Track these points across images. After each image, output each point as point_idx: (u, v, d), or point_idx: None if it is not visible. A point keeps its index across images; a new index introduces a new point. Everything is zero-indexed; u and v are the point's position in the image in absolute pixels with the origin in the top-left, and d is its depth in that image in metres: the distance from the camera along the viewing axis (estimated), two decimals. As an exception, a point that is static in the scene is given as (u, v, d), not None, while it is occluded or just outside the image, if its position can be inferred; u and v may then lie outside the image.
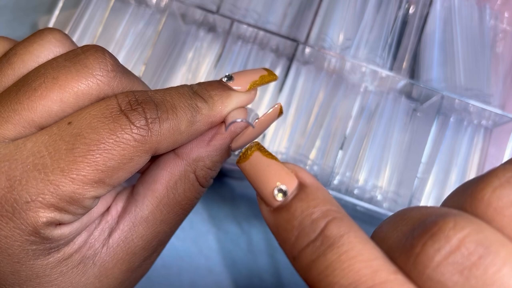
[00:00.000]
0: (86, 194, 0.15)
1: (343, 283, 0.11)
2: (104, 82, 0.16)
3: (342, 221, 0.12)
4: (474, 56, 0.35)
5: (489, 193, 0.11)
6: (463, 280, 0.10)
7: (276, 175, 0.14)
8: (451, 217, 0.11)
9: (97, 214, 0.18)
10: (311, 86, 0.36)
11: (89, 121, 0.15)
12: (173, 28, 0.37)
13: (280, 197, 0.14)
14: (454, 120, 0.36)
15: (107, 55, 0.17)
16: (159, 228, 0.19)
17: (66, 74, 0.16)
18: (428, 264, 0.10)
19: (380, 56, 0.35)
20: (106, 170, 0.15)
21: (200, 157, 0.18)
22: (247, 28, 0.35)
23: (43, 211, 0.15)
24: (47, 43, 0.17)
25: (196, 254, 0.36)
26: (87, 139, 0.15)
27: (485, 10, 0.36)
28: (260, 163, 0.15)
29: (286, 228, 0.13)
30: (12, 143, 0.15)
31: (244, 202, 0.37)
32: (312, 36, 0.35)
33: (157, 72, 0.36)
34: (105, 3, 0.37)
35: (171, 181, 0.18)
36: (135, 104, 0.16)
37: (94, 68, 0.16)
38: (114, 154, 0.15)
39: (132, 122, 0.15)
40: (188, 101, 0.17)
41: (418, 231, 0.11)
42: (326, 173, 0.34)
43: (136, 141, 0.15)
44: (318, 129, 0.35)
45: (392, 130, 0.35)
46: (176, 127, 0.17)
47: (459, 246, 0.10)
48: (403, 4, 0.37)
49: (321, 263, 0.12)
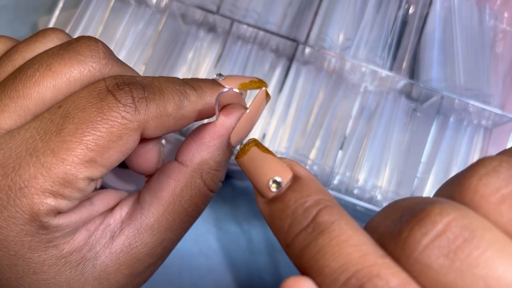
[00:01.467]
0: (79, 174, 0.15)
1: (334, 266, 0.11)
2: (96, 68, 0.17)
3: (333, 209, 0.13)
4: (474, 56, 0.35)
5: (475, 181, 0.11)
6: (448, 262, 0.10)
7: (272, 168, 0.15)
8: (438, 204, 0.11)
9: (98, 212, 0.18)
10: (311, 86, 0.36)
11: (77, 102, 0.16)
12: (173, 28, 0.37)
13: (275, 188, 0.14)
14: (454, 120, 0.36)
15: (99, 44, 0.17)
16: (165, 236, 0.19)
17: (59, 61, 0.16)
18: (415, 248, 0.11)
19: (380, 56, 0.35)
20: (96, 148, 0.15)
21: (203, 160, 0.18)
22: (247, 28, 0.35)
23: (38, 196, 0.15)
24: (49, 41, 0.18)
25: (196, 254, 0.36)
26: (75, 118, 0.15)
27: (484, 10, 0.36)
28: (257, 157, 0.16)
29: (280, 217, 0.14)
30: (8, 133, 0.16)
31: (244, 202, 0.37)
32: (312, 36, 0.35)
33: (157, 72, 0.36)
34: (105, 3, 0.37)
35: (177, 188, 0.18)
36: (123, 85, 0.16)
37: (86, 55, 0.17)
38: (102, 131, 0.15)
39: (119, 100, 0.16)
40: (176, 87, 0.18)
41: (406, 217, 0.11)
42: (326, 173, 0.34)
43: (124, 118, 0.16)
44: (318, 129, 0.35)
45: (392, 130, 0.35)
46: (163, 108, 0.17)
47: (445, 230, 0.10)
48: (403, 4, 0.37)
49: (312, 248, 0.12)
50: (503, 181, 0.11)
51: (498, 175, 0.11)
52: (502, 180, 0.11)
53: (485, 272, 0.10)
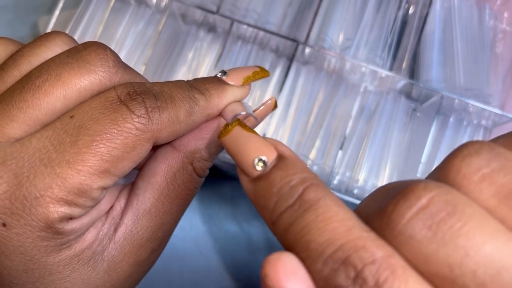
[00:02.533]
0: (94, 185, 0.16)
1: (319, 240, 0.12)
2: (106, 77, 0.17)
3: (319, 187, 0.13)
4: (474, 56, 0.35)
5: (458, 161, 0.12)
6: (431, 234, 0.11)
7: (256, 147, 0.15)
8: (422, 181, 0.12)
9: (104, 210, 0.19)
10: (311, 86, 0.36)
11: (90, 113, 0.16)
12: (173, 28, 0.37)
13: (260, 167, 0.14)
14: (453, 120, 0.36)
15: (108, 51, 0.17)
16: (163, 219, 0.19)
17: (69, 70, 0.16)
18: (399, 221, 0.11)
19: (380, 56, 0.35)
20: (111, 159, 0.16)
21: (197, 149, 0.19)
22: (247, 28, 0.35)
23: (53, 205, 0.15)
24: (54, 45, 0.18)
25: (196, 254, 0.36)
26: (90, 130, 0.15)
27: (484, 10, 0.36)
28: (241, 136, 0.16)
29: (265, 195, 0.14)
30: (18, 142, 0.16)
31: (244, 202, 0.37)
32: (312, 36, 0.35)
33: (157, 72, 0.36)
34: (105, 3, 0.37)
35: (170, 173, 0.19)
36: (134, 95, 0.16)
37: (96, 64, 0.17)
38: (117, 143, 0.15)
39: (133, 111, 0.16)
40: (185, 93, 0.18)
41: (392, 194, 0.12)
42: (326, 173, 0.34)
43: (138, 130, 0.16)
44: (318, 129, 0.35)
45: (392, 130, 0.35)
46: (175, 116, 0.17)
47: (428, 204, 0.11)
48: (403, 4, 0.37)
49: (298, 224, 0.12)
50: (484, 161, 0.11)
51: (479, 156, 0.12)
52: (483, 160, 0.12)
53: (465, 242, 0.10)
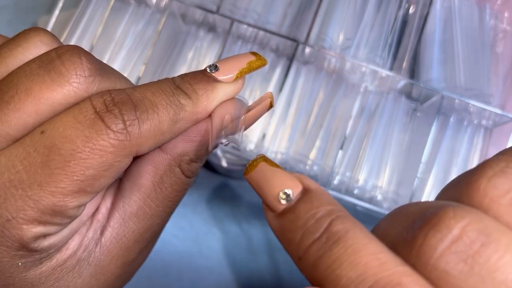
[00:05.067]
0: (69, 205, 0.15)
1: (351, 275, 0.11)
2: (81, 88, 0.15)
3: (346, 218, 0.12)
4: (474, 56, 0.35)
5: (484, 183, 0.11)
6: (467, 268, 0.10)
7: (281, 181, 0.14)
8: (450, 208, 0.11)
9: (87, 216, 0.18)
10: (311, 86, 0.36)
11: (62, 129, 0.14)
12: (173, 28, 0.37)
13: (284, 201, 0.14)
14: (454, 120, 0.36)
15: (83, 58, 0.15)
16: (151, 221, 0.18)
17: (40, 84, 0.15)
18: (431, 255, 0.10)
19: (380, 56, 0.35)
20: (86, 179, 0.15)
21: (185, 152, 0.18)
22: (247, 28, 0.35)
23: (27, 226, 0.14)
24: (33, 47, 0.16)
25: (196, 254, 0.36)
26: (62, 149, 0.14)
27: (485, 10, 0.36)
28: (266, 171, 0.15)
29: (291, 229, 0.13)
30: None
31: (244, 202, 0.37)
32: (312, 36, 0.35)
33: (157, 72, 0.36)
34: (105, 3, 0.37)
35: (157, 176, 0.18)
36: (111, 105, 0.15)
37: (70, 75, 0.15)
38: (92, 162, 0.14)
39: (108, 126, 0.14)
40: (170, 98, 0.16)
41: (418, 223, 0.11)
42: (326, 173, 0.34)
43: (114, 147, 0.15)
44: (318, 129, 0.35)
45: (392, 130, 0.35)
46: (157, 127, 0.16)
47: (461, 235, 0.10)
48: (403, 4, 0.37)
49: (327, 258, 0.11)
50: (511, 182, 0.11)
51: (506, 175, 0.11)
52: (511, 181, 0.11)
53: (505, 276, 0.10)
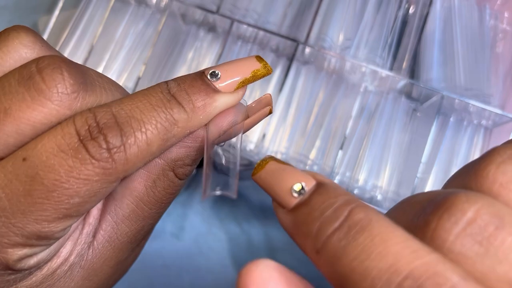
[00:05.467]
0: (54, 230, 0.14)
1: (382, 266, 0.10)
2: (64, 106, 0.14)
3: (366, 207, 0.12)
4: (474, 56, 0.35)
5: (493, 169, 0.11)
6: (483, 250, 0.10)
7: (293, 176, 0.14)
8: (463, 193, 0.11)
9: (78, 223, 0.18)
10: (311, 86, 0.36)
11: (45, 157, 0.14)
12: (173, 28, 0.37)
13: (297, 194, 0.13)
14: (454, 120, 0.36)
15: (65, 73, 0.14)
16: (143, 223, 0.18)
17: (19, 103, 0.14)
18: (447, 238, 0.10)
19: (380, 56, 0.35)
20: (71, 207, 0.14)
21: (179, 157, 0.17)
22: (247, 28, 0.35)
23: (12, 250, 0.14)
24: (13, 51, 0.15)
25: (196, 254, 0.36)
26: (45, 179, 0.14)
27: (485, 10, 0.36)
28: (276, 169, 0.14)
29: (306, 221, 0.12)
30: None
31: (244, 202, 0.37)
32: (312, 36, 0.35)
33: (157, 72, 0.36)
34: (105, 3, 0.37)
35: (149, 179, 0.17)
36: (95, 132, 0.14)
37: (51, 93, 0.14)
38: (77, 191, 0.14)
39: (93, 156, 0.14)
40: (161, 115, 0.15)
41: (430, 208, 0.11)
42: (326, 173, 0.34)
43: (99, 175, 0.14)
44: (318, 129, 0.35)
45: (392, 130, 0.35)
46: (145, 150, 0.15)
47: (475, 218, 0.10)
48: (403, 4, 0.37)
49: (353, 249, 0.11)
50: None
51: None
52: None
53: None
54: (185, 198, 0.38)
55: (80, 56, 0.36)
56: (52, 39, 0.36)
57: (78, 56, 0.36)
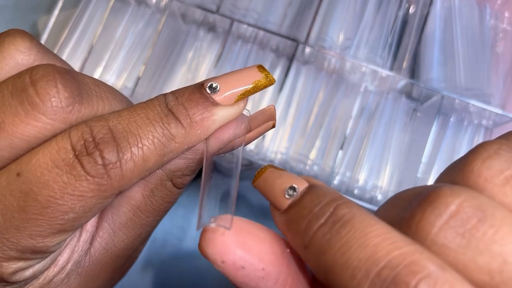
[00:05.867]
0: (48, 244, 0.14)
1: (362, 257, 0.11)
2: (58, 120, 0.14)
3: (351, 203, 0.12)
4: (474, 56, 0.35)
5: (479, 164, 0.11)
6: (465, 242, 0.10)
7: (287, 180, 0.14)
8: (447, 187, 0.11)
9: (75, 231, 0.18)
10: (311, 86, 0.36)
11: (39, 172, 0.14)
12: (173, 28, 0.37)
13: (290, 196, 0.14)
14: (454, 120, 0.36)
15: (59, 85, 0.14)
16: (140, 230, 0.18)
17: (13, 117, 0.14)
18: (430, 230, 0.11)
19: (380, 56, 0.35)
20: (65, 222, 0.14)
21: (178, 168, 0.17)
22: (247, 28, 0.35)
23: (7, 263, 0.14)
24: (8, 57, 0.15)
25: (196, 254, 0.36)
26: (39, 195, 0.13)
27: (485, 9, 0.36)
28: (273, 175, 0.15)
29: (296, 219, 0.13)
30: None
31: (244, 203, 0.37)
32: (312, 36, 0.35)
33: (157, 72, 0.36)
34: (105, 3, 0.37)
35: (147, 189, 0.17)
36: (91, 147, 0.14)
37: (45, 107, 0.14)
38: (71, 207, 0.14)
39: (88, 172, 0.14)
40: (158, 130, 0.15)
41: (415, 201, 0.11)
42: (326, 173, 0.34)
43: (94, 192, 0.14)
44: (318, 129, 0.35)
45: (392, 130, 0.35)
46: (141, 166, 0.14)
47: (458, 210, 0.11)
48: (403, 4, 0.37)
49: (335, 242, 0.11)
50: (505, 163, 0.11)
51: (500, 157, 0.11)
52: (504, 162, 0.11)
53: (501, 248, 0.10)
54: (185, 198, 0.38)
55: (80, 56, 0.36)
56: (52, 39, 0.36)
57: (77, 56, 0.36)
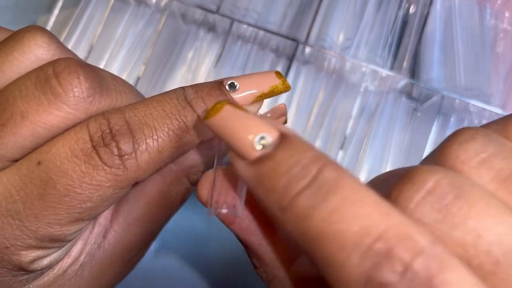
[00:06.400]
0: (66, 232, 0.15)
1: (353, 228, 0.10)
2: (80, 110, 0.15)
3: (336, 165, 0.11)
4: (475, 56, 0.35)
5: (456, 147, 0.12)
6: (441, 217, 0.11)
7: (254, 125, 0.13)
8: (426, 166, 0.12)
9: None
10: (311, 86, 0.36)
11: (59, 162, 0.14)
12: (173, 28, 0.37)
13: (260, 146, 0.12)
14: (454, 120, 0.36)
15: (81, 77, 0.15)
16: (154, 225, 0.18)
17: (36, 107, 0.14)
18: (407, 205, 0.11)
19: (380, 56, 0.35)
20: (83, 211, 0.14)
21: (194, 164, 0.17)
22: (247, 28, 0.35)
23: (25, 252, 0.14)
24: (29, 52, 0.15)
25: (196, 254, 0.36)
26: (58, 183, 0.14)
27: (485, 9, 0.36)
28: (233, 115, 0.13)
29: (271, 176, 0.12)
30: None
31: (244, 202, 0.37)
32: (312, 36, 0.35)
33: (157, 72, 0.36)
34: (105, 2, 0.37)
35: (164, 185, 0.18)
36: (108, 138, 0.14)
37: (68, 97, 0.14)
38: (89, 196, 0.14)
39: (105, 162, 0.14)
40: (175, 121, 0.15)
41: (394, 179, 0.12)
42: (326, 173, 0.34)
43: (111, 181, 0.14)
44: (318, 129, 0.35)
45: (392, 130, 0.35)
46: (156, 157, 0.15)
47: (436, 187, 0.11)
48: (403, 4, 0.37)
49: (323, 209, 0.10)
50: (480, 147, 0.12)
51: (475, 141, 0.12)
52: (479, 145, 0.12)
53: (476, 224, 0.10)
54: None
55: (80, 55, 0.36)
56: (52, 39, 0.36)
57: (77, 55, 0.36)
